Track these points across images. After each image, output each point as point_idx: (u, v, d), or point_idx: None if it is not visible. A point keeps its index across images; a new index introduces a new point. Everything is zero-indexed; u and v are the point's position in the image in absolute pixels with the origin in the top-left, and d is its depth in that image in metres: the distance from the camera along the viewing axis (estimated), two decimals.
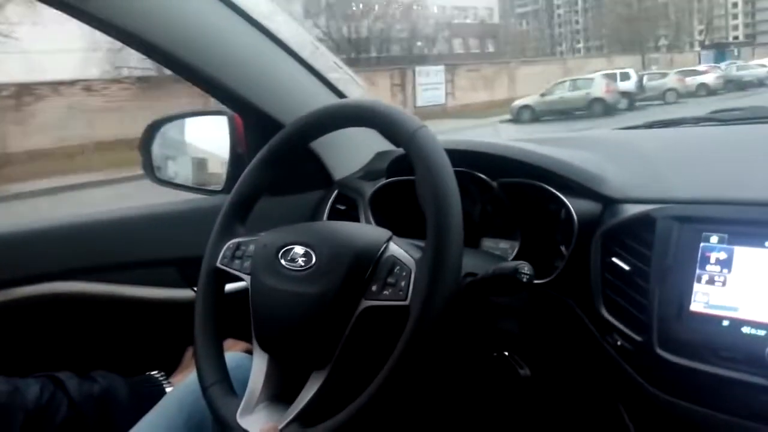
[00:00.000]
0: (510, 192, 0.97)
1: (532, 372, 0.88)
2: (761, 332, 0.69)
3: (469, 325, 0.80)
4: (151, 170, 1.27)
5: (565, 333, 0.89)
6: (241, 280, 0.80)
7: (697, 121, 1.17)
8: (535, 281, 0.86)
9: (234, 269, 0.81)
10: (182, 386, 0.90)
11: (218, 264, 0.82)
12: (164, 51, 1.05)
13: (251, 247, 0.80)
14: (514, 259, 0.94)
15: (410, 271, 0.68)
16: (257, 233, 0.82)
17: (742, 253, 0.72)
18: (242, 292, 0.79)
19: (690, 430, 0.76)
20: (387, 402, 0.65)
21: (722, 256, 0.73)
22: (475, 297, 0.76)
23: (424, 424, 1.07)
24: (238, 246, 0.82)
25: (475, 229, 1.04)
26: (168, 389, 0.95)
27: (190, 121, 1.31)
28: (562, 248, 0.90)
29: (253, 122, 1.17)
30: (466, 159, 0.99)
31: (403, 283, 0.67)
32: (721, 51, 41.52)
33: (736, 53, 39.34)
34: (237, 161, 1.17)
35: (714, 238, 0.74)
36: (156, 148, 1.28)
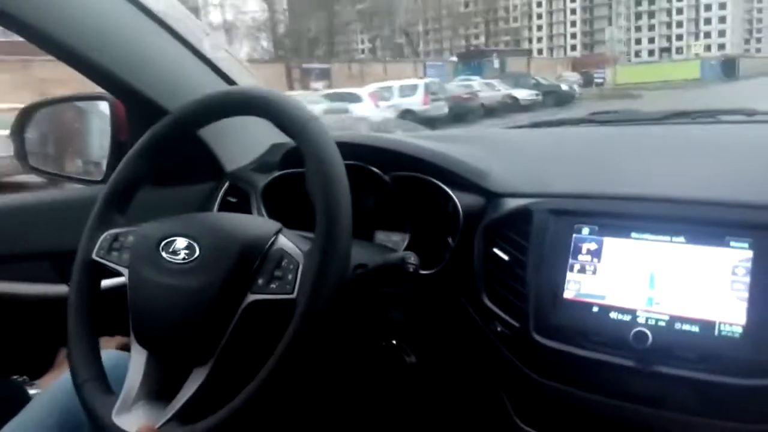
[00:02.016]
0: (401, 185, 0.99)
1: (418, 359, 0.90)
2: (627, 317, 0.74)
3: (358, 314, 0.81)
4: (23, 157, 1.18)
5: (451, 321, 0.92)
6: (118, 273, 0.76)
7: (577, 122, 1.24)
8: (423, 272, 0.88)
9: (111, 262, 0.77)
10: (54, 386, 0.84)
11: (94, 256, 0.78)
12: (39, 31, 0.97)
13: (130, 239, 0.77)
14: (405, 250, 0.96)
15: (298, 264, 0.67)
16: (137, 224, 0.78)
17: (610, 243, 0.78)
18: (120, 287, 0.75)
19: (566, 412, 0.81)
20: (271, 397, 0.64)
21: (593, 246, 0.78)
22: (365, 287, 0.76)
23: (311, 414, 1.06)
24: (115, 237, 0.78)
25: (369, 221, 1.05)
26: (33, 392, 0.88)
27: (68, 107, 1.23)
28: (449, 240, 0.93)
29: (136, 108, 1.11)
30: (359, 152, 1.00)
31: (290, 276, 0.67)
32: (468, 62, 37.31)
33: (496, 64, 35.99)
34: (118, 149, 1.11)
35: (585, 230, 0.79)
36: (31, 134, 1.19)
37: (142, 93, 1.08)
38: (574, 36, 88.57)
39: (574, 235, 0.80)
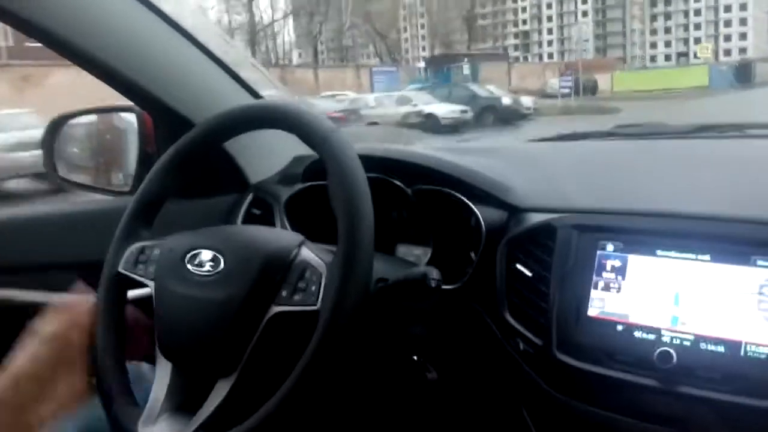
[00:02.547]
0: (424, 199, 0.99)
1: (439, 375, 0.89)
2: (651, 336, 0.73)
3: (380, 329, 0.81)
4: (53, 168, 1.20)
5: (472, 337, 0.91)
6: (144, 286, 0.77)
7: (602, 135, 1.23)
8: (445, 287, 0.88)
9: (137, 275, 0.78)
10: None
11: (120, 269, 0.79)
12: (69, 44, 0.99)
13: (156, 252, 0.77)
14: (427, 265, 0.96)
15: (321, 275, 0.67)
16: (163, 237, 0.79)
17: (635, 261, 0.77)
18: (145, 299, 0.76)
19: (588, 431, 0.80)
20: (295, 408, 0.64)
21: (617, 263, 0.77)
22: (386, 302, 0.76)
23: (332, 427, 1.06)
24: (142, 250, 0.79)
25: (391, 235, 1.05)
26: None
27: (96, 118, 1.25)
28: (472, 255, 0.92)
29: (162, 121, 1.13)
30: (381, 165, 1.00)
31: (313, 288, 0.67)
32: (439, 68, 33.52)
33: (465, 70, 31.78)
34: (145, 161, 1.13)
35: (610, 247, 0.78)
36: (60, 146, 1.21)
37: (168, 105, 1.09)
38: (585, 39, 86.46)
39: (598, 252, 0.79)
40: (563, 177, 0.97)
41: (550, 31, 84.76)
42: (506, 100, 20.57)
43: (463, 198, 0.93)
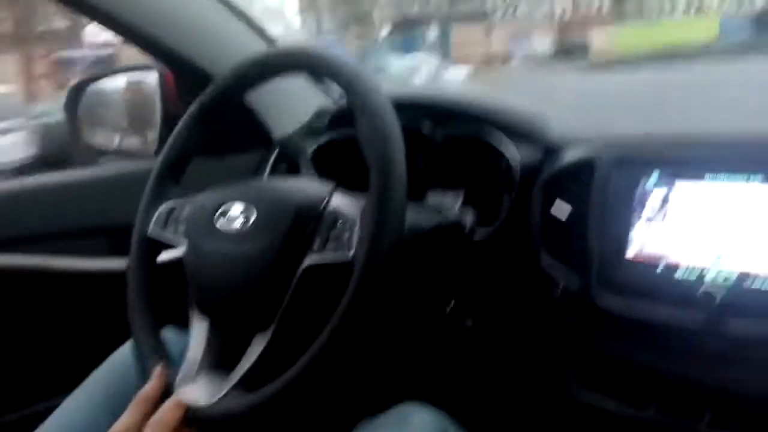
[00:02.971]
0: (454, 144, 0.96)
1: (475, 323, 0.88)
2: (693, 276, 0.69)
3: (415, 277, 0.79)
4: (77, 134, 1.20)
5: (509, 283, 0.89)
6: (175, 246, 0.76)
7: (640, 60, 1.18)
8: (479, 230, 0.85)
9: (168, 235, 0.77)
10: (105, 367, 0.86)
11: (150, 232, 0.78)
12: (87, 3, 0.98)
13: (186, 210, 0.77)
14: (459, 209, 0.93)
15: (354, 222, 0.66)
16: (192, 195, 0.78)
17: (680, 189, 0.72)
18: (176, 261, 0.76)
19: (630, 374, 0.77)
20: (333, 359, 0.64)
21: (661, 194, 0.73)
22: (420, 250, 0.74)
23: (370, 376, 1.06)
24: (171, 210, 0.78)
25: (421, 181, 1.02)
26: None
27: (117, 79, 1.23)
28: (505, 197, 0.89)
29: (184, 77, 1.10)
30: (411, 109, 0.97)
31: (346, 236, 0.66)
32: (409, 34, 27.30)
33: (432, 36, 26.88)
34: (168, 121, 1.11)
35: (654, 177, 0.74)
36: (82, 110, 1.20)
37: (191, 61, 1.07)
38: None
39: (641, 185, 0.75)
40: (600, 107, 0.94)
41: None
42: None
43: (492, 141, 0.89)
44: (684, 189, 0.72)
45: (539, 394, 0.97)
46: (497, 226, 0.88)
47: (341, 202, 0.69)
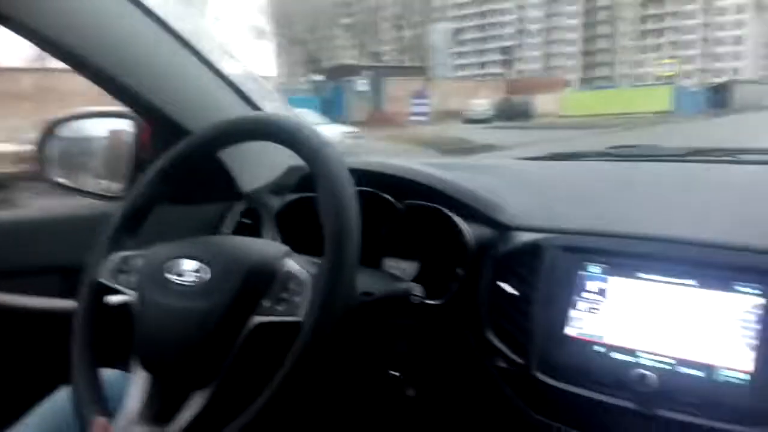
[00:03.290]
0: (413, 214, 0.99)
1: (418, 392, 0.89)
2: (629, 358, 0.73)
3: (361, 343, 0.81)
4: (46, 171, 1.21)
5: (453, 355, 0.91)
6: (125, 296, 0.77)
7: (596, 155, 1.24)
8: (430, 302, 0.88)
9: (119, 284, 0.77)
10: (42, 408, 0.85)
11: (101, 279, 0.79)
12: (67, 48, 1.00)
13: (139, 261, 0.77)
14: (414, 280, 0.96)
15: (305, 287, 0.67)
16: (147, 246, 0.79)
17: (617, 282, 0.77)
18: (123, 307, 0.76)
19: None
20: (271, 419, 0.64)
21: (599, 285, 0.78)
22: (369, 316, 0.76)
23: None
24: (125, 260, 0.79)
25: (378, 248, 1.05)
26: None
27: (92, 122, 1.25)
28: (458, 271, 0.93)
29: (159, 128, 1.13)
30: (373, 179, 1.00)
31: (297, 299, 0.67)
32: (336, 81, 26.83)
33: (362, 86, 25.29)
34: (139, 168, 1.13)
35: (593, 268, 0.79)
36: (53, 148, 1.21)
37: (166, 114, 1.09)
38: (572, 57, 77.87)
39: (581, 273, 0.79)
40: (553, 197, 0.98)
41: (535, 47, 79.66)
42: None
43: (451, 215, 0.94)
44: (619, 283, 0.77)
45: None
46: (447, 299, 0.91)
47: (295, 264, 0.71)
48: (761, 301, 0.69)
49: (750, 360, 0.67)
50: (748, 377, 0.67)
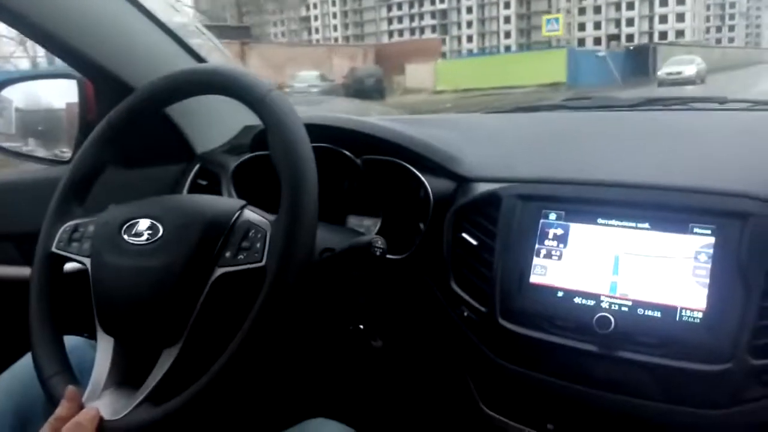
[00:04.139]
0: (373, 169, 0.98)
1: (385, 343, 0.90)
2: (590, 302, 0.75)
3: (326, 298, 0.81)
4: None
5: (419, 306, 0.92)
6: (80, 263, 0.75)
7: (552, 107, 1.25)
8: (394, 257, 0.88)
9: (71, 253, 0.76)
10: (8, 375, 0.83)
11: (54, 249, 0.77)
12: (2, 4, 0.94)
13: (90, 228, 0.75)
14: (376, 235, 0.96)
15: (265, 232, 0.66)
16: (96, 213, 0.76)
17: (576, 229, 0.78)
18: (82, 273, 0.74)
19: (530, 396, 0.82)
20: (243, 368, 0.63)
21: (559, 231, 0.79)
22: (333, 271, 0.76)
23: (278, 391, 1.06)
24: (75, 228, 0.77)
25: (341, 206, 1.04)
26: None
27: (35, 84, 1.20)
28: (420, 225, 0.93)
29: (104, 87, 1.08)
30: (331, 135, 0.99)
31: (258, 245, 0.66)
32: None
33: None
34: (85, 130, 1.09)
35: (552, 215, 0.80)
36: None
37: (109, 71, 1.05)
38: (508, 20, 73.05)
39: (541, 221, 0.80)
40: (511, 148, 0.98)
41: (470, 10, 74.97)
42: None
43: (412, 168, 0.93)
44: (578, 229, 0.78)
45: (446, 412, 0.99)
46: (411, 252, 0.91)
47: (253, 214, 0.70)
48: (712, 240, 0.71)
49: (703, 299, 0.69)
50: (701, 315, 0.69)
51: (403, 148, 0.96)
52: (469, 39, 72.08)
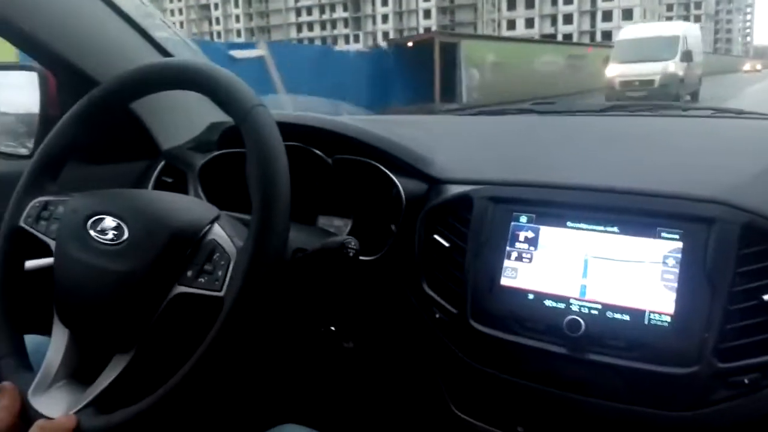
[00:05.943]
0: (345, 169, 0.97)
1: (356, 345, 0.89)
2: (561, 305, 0.75)
3: (298, 298, 0.80)
4: None
5: (391, 308, 0.91)
6: (44, 243, 0.73)
7: (519, 111, 1.26)
8: (366, 258, 0.88)
9: (39, 231, 0.74)
10: None
11: (21, 223, 0.74)
12: None
13: (60, 209, 0.73)
14: (347, 236, 0.95)
15: (229, 260, 0.64)
16: (69, 194, 0.75)
17: (546, 232, 0.79)
18: (45, 271, 0.72)
19: (501, 398, 0.82)
20: (192, 392, 0.62)
21: (530, 234, 0.79)
22: (304, 271, 0.75)
23: (247, 396, 1.05)
24: (45, 205, 0.75)
25: (312, 205, 1.03)
26: None
27: None
28: (392, 227, 0.92)
29: (67, 81, 1.05)
30: (302, 134, 0.98)
31: (220, 273, 0.64)
32: None
33: None
34: (47, 123, 1.05)
35: (523, 218, 0.80)
36: None
37: (74, 65, 1.02)
38: (428, 14, 65.60)
39: (512, 223, 0.80)
40: (481, 150, 0.98)
41: (385, 2, 67.42)
42: None
43: (383, 169, 0.92)
44: (549, 232, 0.79)
45: (417, 414, 0.99)
46: (382, 253, 0.90)
47: (222, 232, 0.67)
48: (680, 245, 0.72)
49: (671, 302, 0.70)
50: (669, 319, 0.70)
51: (375, 148, 0.95)
52: (385, 35, 62.71)
